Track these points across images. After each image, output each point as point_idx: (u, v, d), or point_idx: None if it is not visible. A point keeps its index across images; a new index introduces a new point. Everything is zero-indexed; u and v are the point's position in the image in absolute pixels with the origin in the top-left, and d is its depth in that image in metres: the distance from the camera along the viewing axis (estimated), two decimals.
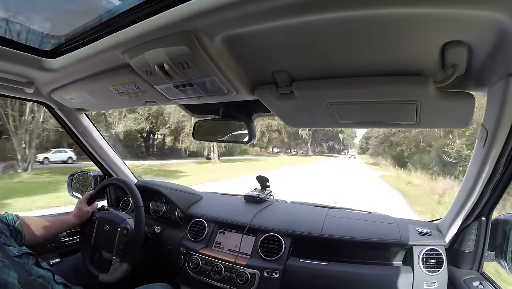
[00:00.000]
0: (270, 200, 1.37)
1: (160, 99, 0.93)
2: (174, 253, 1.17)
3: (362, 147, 58.09)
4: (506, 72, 0.53)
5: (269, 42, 0.59)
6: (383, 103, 0.70)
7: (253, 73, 0.74)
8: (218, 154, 19.17)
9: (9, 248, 0.77)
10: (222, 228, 1.19)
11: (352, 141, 55.24)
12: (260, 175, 1.45)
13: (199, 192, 1.52)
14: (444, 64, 0.56)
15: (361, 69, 0.64)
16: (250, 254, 1.07)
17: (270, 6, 0.46)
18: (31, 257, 0.82)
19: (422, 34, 0.50)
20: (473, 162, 0.76)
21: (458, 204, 0.87)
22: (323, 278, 0.94)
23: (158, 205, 1.46)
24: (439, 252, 0.94)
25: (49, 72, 0.86)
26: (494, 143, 0.63)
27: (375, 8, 0.44)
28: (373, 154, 34.64)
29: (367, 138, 45.17)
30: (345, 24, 0.49)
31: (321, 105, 0.77)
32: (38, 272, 0.80)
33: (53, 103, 1.17)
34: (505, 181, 0.75)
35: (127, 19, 0.60)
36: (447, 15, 0.44)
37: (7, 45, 0.75)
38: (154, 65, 0.67)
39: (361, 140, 57.06)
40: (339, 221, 1.13)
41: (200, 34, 0.57)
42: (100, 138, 1.40)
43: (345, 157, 44.29)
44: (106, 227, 1.12)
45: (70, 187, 1.50)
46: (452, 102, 0.65)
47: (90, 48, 0.71)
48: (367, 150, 44.87)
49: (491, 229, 0.90)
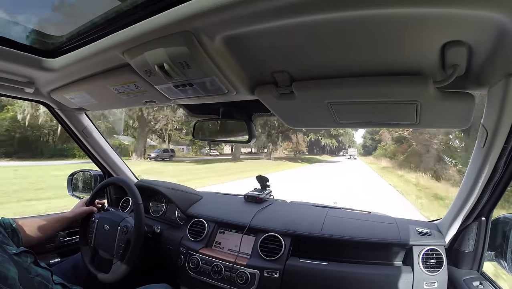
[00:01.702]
0: (270, 199, 1.37)
1: (160, 99, 0.93)
2: (174, 253, 1.17)
3: (366, 145, 45.24)
4: (506, 73, 0.53)
5: (269, 42, 0.59)
6: (383, 103, 0.70)
7: (253, 73, 0.74)
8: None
9: (8, 247, 0.77)
10: (222, 228, 1.19)
11: (350, 139, 44.87)
12: (260, 175, 1.46)
13: (199, 191, 1.52)
14: (444, 64, 0.56)
15: (361, 69, 0.64)
16: (250, 254, 1.07)
17: (270, 6, 0.46)
18: (29, 255, 0.82)
19: (422, 34, 0.50)
20: (473, 162, 0.76)
21: (458, 204, 0.87)
22: (323, 278, 0.94)
23: (158, 205, 1.46)
24: (439, 252, 0.94)
25: (49, 72, 0.86)
26: (494, 144, 0.63)
27: (374, 8, 0.44)
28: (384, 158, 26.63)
29: (372, 134, 35.68)
30: (345, 24, 0.49)
31: (321, 105, 0.77)
32: (37, 271, 0.80)
33: (53, 103, 1.17)
34: (505, 181, 0.75)
35: (127, 19, 0.60)
36: (447, 15, 0.44)
37: (7, 45, 0.75)
38: (154, 65, 0.67)
39: (364, 137, 45.35)
40: (339, 221, 1.13)
41: (200, 34, 0.57)
42: (100, 138, 1.40)
43: (343, 158, 36.40)
44: (106, 226, 1.12)
45: (70, 187, 1.50)
46: (452, 103, 0.65)
47: (90, 48, 0.71)
48: (375, 150, 35.40)
49: (491, 229, 0.90)
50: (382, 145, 32.28)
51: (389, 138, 28.79)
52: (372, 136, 38.32)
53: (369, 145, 42.51)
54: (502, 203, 0.86)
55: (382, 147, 32.14)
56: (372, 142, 39.72)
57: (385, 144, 31.37)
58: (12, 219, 0.93)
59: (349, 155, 38.71)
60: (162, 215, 1.42)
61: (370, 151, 40.69)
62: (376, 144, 37.15)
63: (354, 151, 40.84)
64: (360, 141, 52.10)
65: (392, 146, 26.05)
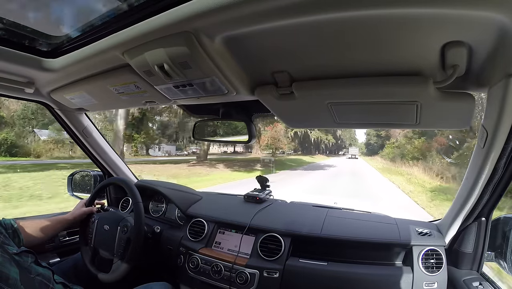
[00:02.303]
0: (270, 200, 1.37)
1: (160, 99, 0.93)
2: (173, 252, 1.17)
3: (370, 143, 37.70)
4: (506, 73, 0.53)
5: (269, 42, 0.59)
6: (383, 103, 0.70)
7: (253, 74, 0.74)
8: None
9: (8, 247, 0.77)
10: (221, 228, 1.19)
11: (350, 136, 39.86)
12: (260, 175, 1.46)
13: (199, 191, 1.52)
14: (444, 64, 0.56)
15: (361, 70, 0.64)
16: (249, 254, 1.07)
17: (270, 7, 0.46)
18: (30, 255, 0.83)
19: (422, 35, 0.50)
20: (473, 163, 0.76)
21: (458, 204, 0.87)
22: (322, 278, 0.94)
23: (158, 205, 1.46)
24: (439, 252, 0.94)
25: (49, 73, 0.86)
26: (494, 144, 0.63)
27: (374, 8, 0.44)
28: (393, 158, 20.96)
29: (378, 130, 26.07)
30: (345, 24, 0.49)
31: (321, 105, 0.77)
32: (37, 270, 0.80)
33: (53, 103, 1.17)
34: (505, 182, 0.75)
35: (127, 20, 0.60)
36: (447, 16, 0.44)
37: (7, 45, 0.75)
38: (154, 65, 0.67)
39: (368, 134, 38.00)
40: (339, 221, 1.13)
41: (200, 35, 0.57)
42: (100, 138, 1.40)
43: (341, 159, 31.26)
44: (106, 226, 1.12)
45: (70, 187, 1.51)
46: (452, 103, 0.65)
47: (90, 49, 0.71)
48: (381, 148, 28.78)
49: (491, 230, 0.90)
50: (392, 142, 27.23)
51: (399, 133, 24.55)
52: (377, 132, 32.86)
53: (373, 143, 36.73)
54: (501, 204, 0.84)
55: (391, 145, 26.72)
56: (378, 140, 33.97)
57: (395, 141, 26.58)
58: (13, 219, 0.93)
59: (350, 154, 35.97)
60: (162, 215, 1.42)
61: (375, 150, 34.80)
62: (382, 141, 30.91)
63: (355, 150, 37.88)
64: (362, 139, 45.15)
65: (418, 141, 18.84)
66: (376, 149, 34.35)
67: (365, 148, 41.07)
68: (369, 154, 35.86)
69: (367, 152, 37.75)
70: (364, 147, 43.04)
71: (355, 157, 33.81)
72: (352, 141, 41.69)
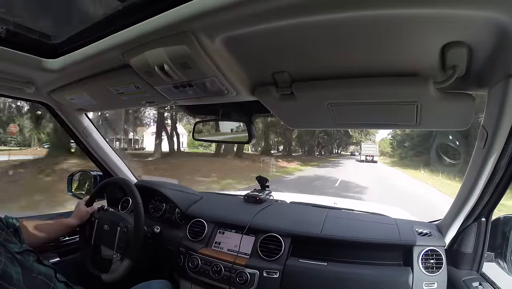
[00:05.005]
0: (269, 200, 1.37)
1: (160, 99, 0.93)
2: (173, 253, 1.17)
3: (403, 140, 19.41)
4: (506, 73, 0.53)
5: (269, 43, 0.59)
6: (383, 104, 0.70)
7: (253, 74, 0.74)
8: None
9: (10, 245, 0.77)
10: (221, 228, 1.19)
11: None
12: (260, 175, 1.46)
13: (198, 192, 1.52)
14: (444, 65, 0.56)
15: (361, 70, 0.63)
16: (249, 254, 1.07)
17: (270, 7, 0.46)
18: (32, 254, 0.82)
19: (422, 35, 0.50)
20: (473, 163, 0.75)
21: (458, 204, 0.87)
22: (322, 279, 0.94)
23: (157, 205, 1.46)
24: (439, 252, 0.94)
25: (49, 73, 0.86)
26: (494, 145, 0.63)
27: (374, 9, 0.44)
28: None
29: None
30: (345, 25, 0.49)
31: (321, 106, 0.77)
32: (39, 269, 0.80)
33: (53, 103, 1.17)
34: (505, 182, 0.75)
35: (127, 20, 0.60)
36: (447, 16, 0.44)
37: (7, 45, 0.75)
38: (154, 65, 0.67)
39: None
40: (339, 222, 1.13)
41: (200, 35, 0.57)
42: (100, 138, 1.40)
43: (346, 163, 21.98)
44: (105, 226, 1.12)
45: (69, 187, 1.50)
46: (452, 103, 0.65)
47: (90, 49, 0.71)
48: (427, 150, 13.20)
49: (491, 230, 0.90)
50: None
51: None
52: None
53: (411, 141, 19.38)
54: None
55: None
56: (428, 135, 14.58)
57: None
58: (16, 218, 0.92)
59: (364, 155, 23.86)
60: (161, 215, 1.42)
61: (417, 153, 17.74)
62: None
63: (372, 147, 24.17)
64: (383, 134, 27.75)
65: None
66: (418, 152, 17.39)
67: (390, 147, 25.14)
68: (404, 159, 19.40)
69: (398, 155, 21.87)
70: (388, 145, 26.62)
71: (372, 160, 23.15)
72: (367, 136, 26.13)
